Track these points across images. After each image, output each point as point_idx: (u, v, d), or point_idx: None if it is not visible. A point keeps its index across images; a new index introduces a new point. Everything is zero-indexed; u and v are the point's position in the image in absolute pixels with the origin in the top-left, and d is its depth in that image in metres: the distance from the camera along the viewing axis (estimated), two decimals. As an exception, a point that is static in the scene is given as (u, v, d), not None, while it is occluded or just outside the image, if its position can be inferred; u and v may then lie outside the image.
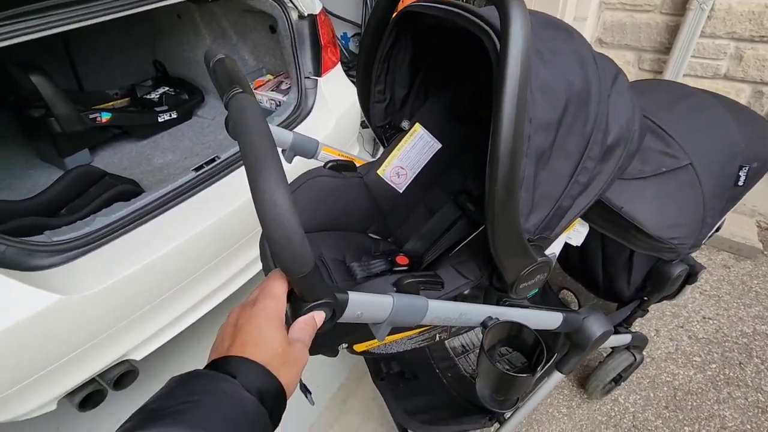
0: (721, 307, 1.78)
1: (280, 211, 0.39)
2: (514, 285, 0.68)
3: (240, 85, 0.49)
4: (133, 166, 1.75)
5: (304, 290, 0.44)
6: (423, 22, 0.78)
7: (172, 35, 2.07)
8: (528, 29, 0.48)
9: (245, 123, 0.43)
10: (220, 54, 0.59)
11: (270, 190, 0.38)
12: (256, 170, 0.39)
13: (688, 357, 1.61)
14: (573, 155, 0.61)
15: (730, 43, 1.80)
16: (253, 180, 0.39)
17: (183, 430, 0.30)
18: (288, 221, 0.39)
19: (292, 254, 0.40)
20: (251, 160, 0.40)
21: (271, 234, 0.39)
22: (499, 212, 0.55)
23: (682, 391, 1.51)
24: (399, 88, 0.92)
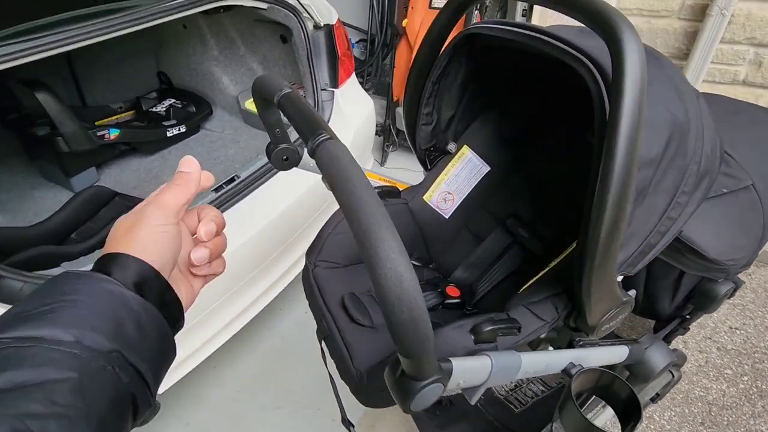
0: (746, 316, 1.76)
1: (407, 289, 0.33)
2: (597, 327, 0.63)
3: (324, 128, 0.44)
4: (142, 184, 1.67)
5: (418, 370, 0.38)
6: (481, 44, 0.73)
7: (177, 46, 2.00)
8: (645, 66, 0.43)
9: (347, 180, 0.37)
10: (286, 86, 0.53)
11: (393, 265, 0.33)
12: (373, 241, 0.34)
13: (719, 370, 1.58)
14: (669, 191, 0.57)
15: (749, 48, 1.78)
16: (371, 251, 0.34)
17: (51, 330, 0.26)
18: (416, 301, 0.34)
19: (418, 334, 0.35)
20: (365, 229, 0.34)
21: (396, 315, 0.34)
22: (600, 259, 0.50)
23: (716, 406, 1.48)
24: (446, 110, 0.87)
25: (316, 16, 1.57)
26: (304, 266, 0.85)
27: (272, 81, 0.55)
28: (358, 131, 1.67)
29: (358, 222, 0.35)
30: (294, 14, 1.55)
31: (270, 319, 1.74)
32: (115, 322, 0.29)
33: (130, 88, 1.97)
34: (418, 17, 2.21)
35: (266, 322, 1.73)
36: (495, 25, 0.64)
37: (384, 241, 0.33)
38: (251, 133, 1.94)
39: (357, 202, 0.35)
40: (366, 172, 0.92)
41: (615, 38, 0.43)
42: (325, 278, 0.80)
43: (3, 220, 1.45)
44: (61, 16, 1.22)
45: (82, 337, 0.27)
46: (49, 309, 0.28)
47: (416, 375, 0.39)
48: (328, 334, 0.73)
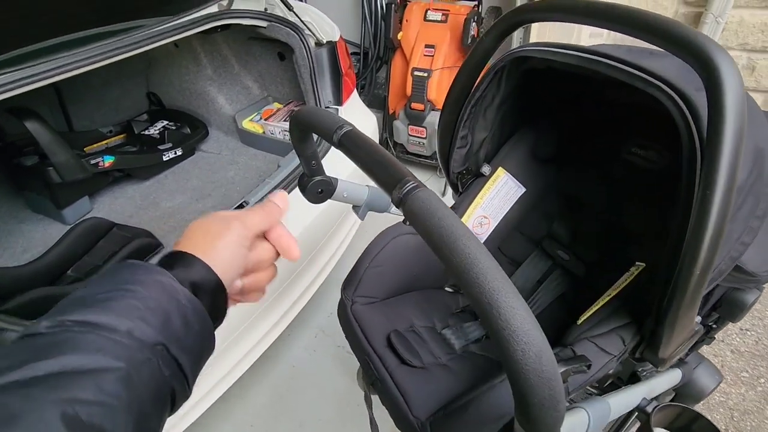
0: (755, 316, 1.78)
1: (546, 366, 0.29)
2: (668, 359, 0.60)
3: (408, 174, 0.39)
4: (139, 212, 1.58)
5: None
6: (525, 66, 0.70)
7: (168, 65, 1.92)
8: (744, 96, 0.41)
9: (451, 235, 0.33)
10: (346, 124, 0.48)
11: (530, 339, 0.29)
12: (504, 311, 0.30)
13: (736, 374, 1.59)
14: (745, 217, 0.54)
15: (742, 54, 1.82)
16: (501, 323, 0.30)
17: (108, 317, 0.27)
18: (555, 375, 0.30)
19: (555, 414, 0.30)
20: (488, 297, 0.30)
21: (537, 394, 0.30)
22: (693, 291, 0.48)
23: (738, 411, 1.48)
24: (480, 132, 0.84)
25: (318, 33, 1.53)
26: (339, 301, 0.79)
27: (327, 117, 0.50)
28: (364, 149, 1.63)
29: (480, 289, 0.30)
30: (296, 32, 1.51)
31: (278, 346, 1.67)
32: (164, 314, 0.30)
33: (120, 111, 1.89)
34: (413, 30, 2.19)
35: (275, 349, 1.65)
36: (549, 48, 0.61)
37: (516, 310, 0.29)
38: (249, 153, 1.87)
39: (474, 265, 0.31)
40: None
41: (712, 69, 0.41)
42: (365, 315, 0.75)
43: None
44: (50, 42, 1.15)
45: (133, 328, 0.27)
46: (109, 296, 0.29)
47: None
48: (377, 378, 0.68)
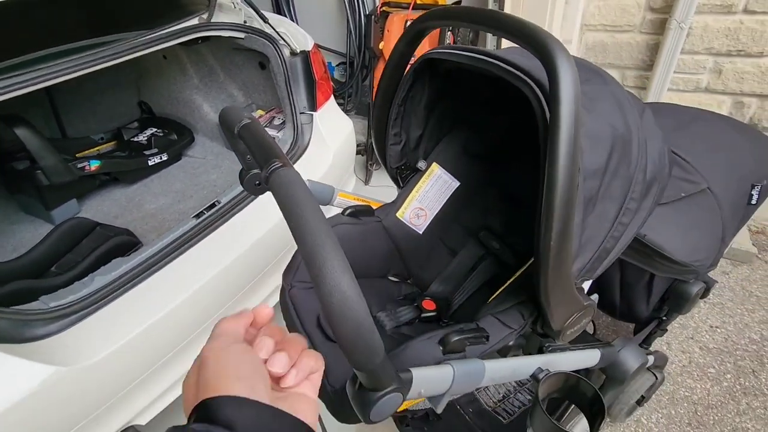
0: (726, 314, 1.79)
1: (352, 304, 0.35)
2: (562, 332, 0.65)
3: (278, 156, 0.46)
4: (124, 213, 1.67)
5: (374, 381, 0.40)
6: (442, 67, 0.77)
7: (157, 75, 2.03)
8: (578, 85, 0.47)
9: (296, 204, 0.40)
10: (245, 117, 0.56)
11: (338, 283, 0.35)
12: (319, 261, 0.36)
13: (702, 369, 1.61)
14: (617, 198, 0.60)
15: (708, 58, 1.87)
16: (316, 271, 0.36)
17: None
18: (360, 315, 0.35)
19: (367, 348, 0.36)
20: (311, 250, 0.36)
21: (343, 328, 0.35)
22: (553, 263, 0.53)
23: (702, 406, 1.50)
24: (414, 130, 0.90)
25: (292, 43, 1.62)
26: (281, 287, 0.86)
27: (233, 113, 0.58)
28: (337, 152, 1.70)
29: (304, 243, 0.37)
30: (271, 42, 1.60)
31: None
32: None
33: (112, 119, 1.99)
34: (394, 39, 2.28)
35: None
36: (448, 50, 0.68)
37: (327, 260, 0.35)
38: (233, 157, 1.96)
39: (304, 224, 0.37)
40: (340, 193, 0.95)
41: (550, 58, 0.47)
42: (301, 298, 0.81)
43: (-19, 256, 1.44)
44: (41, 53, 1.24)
45: None
46: None
47: (373, 386, 0.40)
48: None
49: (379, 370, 0.39)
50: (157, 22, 1.50)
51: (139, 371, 1.11)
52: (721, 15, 1.78)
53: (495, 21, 0.52)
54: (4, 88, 1.05)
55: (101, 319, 1.06)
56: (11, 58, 1.18)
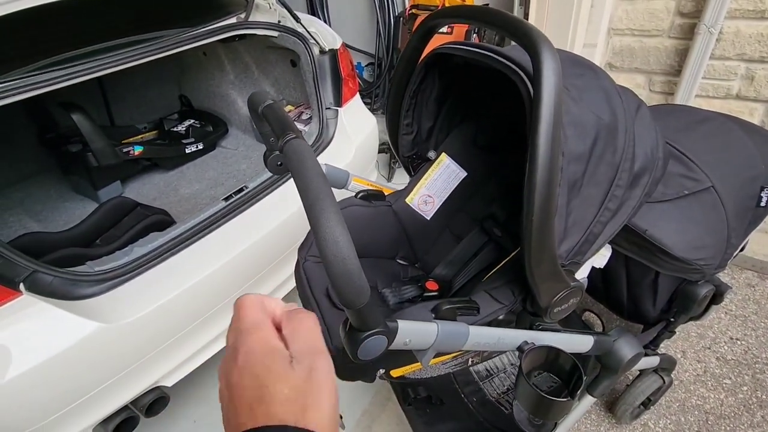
0: (748, 327, 1.75)
1: (341, 248, 0.42)
2: (548, 309, 0.70)
3: (293, 129, 0.54)
4: (162, 196, 1.82)
5: (361, 321, 0.47)
6: (451, 62, 0.83)
7: (197, 71, 2.18)
8: (559, 72, 0.52)
9: (303, 167, 0.47)
10: (269, 99, 0.64)
11: (331, 229, 0.42)
12: (317, 212, 0.43)
13: (717, 380, 1.58)
14: (603, 184, 0.64)
15: (740, 64, 1.83)
16: (315, 220, 0.43)
17: None
18: (349, 257, 0.42)
19: (353, 287, 0.43)
20: (311, 202, 0.44)
21: (334, 268, 0.42)
22: (536, 239, 0.58)
23: (713, 416, 1.48)
24: (425, 121, 0.97)
25: (321, 42, 1.72)
26: (296, 261, 0.94)
27: (259, 96, 0.66)
28: (359, 146, 1.78)
29: (306, 199, 0.44)
30: (301, 41, 1.70)
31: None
32: None
33: (155, 110, 2.16)
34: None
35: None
36: (456, 45, 0.74)
37: (324, 211, 0.42)
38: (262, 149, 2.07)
39: (307, 183, 0.45)
40: (355, 178, 1.03)
41: (534, 50, 0.53)
42: (313, 271, 0.89)
43: (38, 227, 1.61)
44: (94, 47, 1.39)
45: None
46: None
47: (360, 326, 0.47)
48: (313, 319, 0.82)
49: (366, 311, 0.46)
50: (198, 20, 1.64)
51: (168, 335, 1.22)
52: (753, 20, 1.74)
53: (488, 16, 0.59)
54: (63, 77, 1.19)
55: (138, 284, 1.18)
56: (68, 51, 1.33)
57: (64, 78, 1.19)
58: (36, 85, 1.13)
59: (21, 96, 1.10)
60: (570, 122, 0.59)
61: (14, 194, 1.76)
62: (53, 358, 1.00)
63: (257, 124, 0.83)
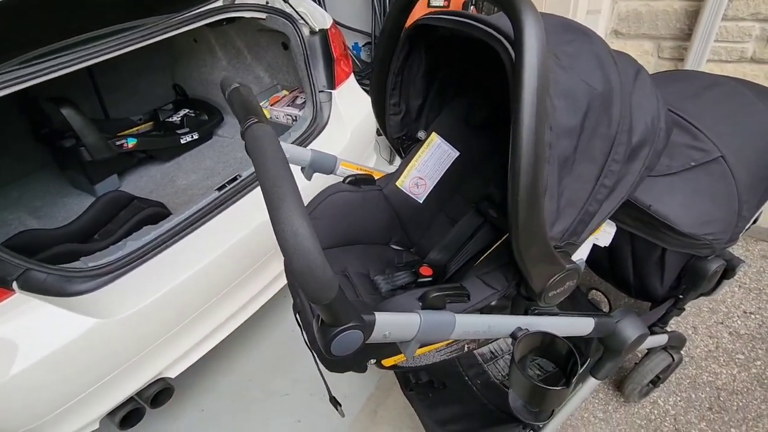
0: (763, 300, 1.69)
1: (301, 240, 0.39)
2: (543, 293, 0.67)
3: (255, 114, 0.50)
4: (159, 188, 1.80)
5: (331, 316, 0.44)
6: (436, 34, 0.78)
7: (189, 59, 2.14)
8: (542, 36, 0.47)
9: (261, 153, 0.44)
10: (235, 82, 0.60)
11: (290, 220, 0.39)
12: (276, 201, 0.40)
13: (730, 355, 1.54)
14: (597, 159, 0.60)
15: (755, 24, 1.72)
16: (273, 210, 0.40)
17: None
18: (310, 250, 0.39)
19: (317, 282, 0.40)
20: (269, 191, 0.40)
21: (294, 263, 0.39)
22: (523, 221, 0.54)
23: (726, 391, 1.44)
24: (413, 100, 0.92)
25: (311, 22, 1.66)
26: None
27: (227, 80, 0.62)
28: (355, 129, 1.74)
29: (264, 188, 0.41)
30: (290, 22, 1.64)
31: (278, 311, 1.83)
32: None
33: (149, 101, 2.13)
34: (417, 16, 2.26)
35: (275, 313, 1.82)
36: (438, 15, 0.69)
37: (282, 201, 0.39)
38: (259, 136, 2.04)
39: (265, 171, 0.41)
40: (343, 162, 0.99)
41: (514, 13, 0.48)
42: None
43: (37, 224, 1.61)
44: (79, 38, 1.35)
45: None
46: None
47: (331, 321, 0.44)
48: (301, 309, 0.80)
49: (335, 305, 0.43)
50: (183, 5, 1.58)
51: (167, 327, 1.22)
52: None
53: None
54: (48, 69, 1.16)
55: (134, 278, 1.17)
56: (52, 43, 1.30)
57: (49, 70, 1.16)
58: (20, 79, 1.10)
59: (5, 91, 1.08)
60: (559, 93, 0.54)
61: (12, 192, 1.76)
62: (51, 355, 1.00)
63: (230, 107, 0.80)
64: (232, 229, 1.33)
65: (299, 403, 1.56)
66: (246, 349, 1.72)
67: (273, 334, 1.79)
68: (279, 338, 1.78)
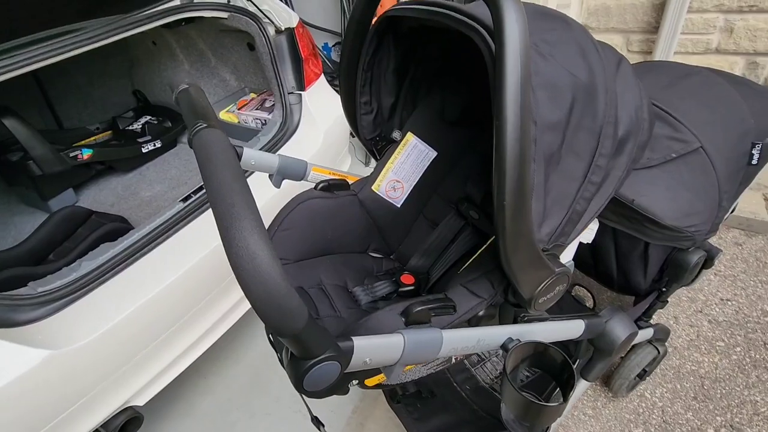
0: (738, 287, 1.72)
1: (259, 263, 0.33)
2: (533, 300, 0.62)
3: (204, 117, 0.44)
4: (120, 201, 1.69)
5: (301, 349, 0.38)
6: (406, 26, 0.73)
7: (149, 63, 2.02)
8: (524, 24, 0.43)
9: (210, 163, 0.37)
10: (183, 83, 0.53)
11: (244, 241, 0.33)
12: (227, 219, 0.33)
13: (711, 343, 1.55)
14: (584, 154, 0.56)
15: (719, 15, 1.76)
16: (224, 230, 0.34)
17: None
18: (270, 276, 0.33)
19: (281, 313, 0.34)
20: (219, 208, 0.34)
21: (252, 292, 0.33)
22: (510, 224, 0.50)
23: (709, 380, 1.45)
24: (385, 97, 0.87)
25: (276, 21, 1.58)
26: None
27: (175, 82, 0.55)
28: (328, 131, 1.67)
29: (214, 204, 0.35)
30: (254, 21, 1.57)
31: (255, 325, 1.75)
32: None
33: (106, 109, 2.00)
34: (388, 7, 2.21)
35: (251, 328, 1.74)
36: (407, 5, 0.64)
37: (236, 219, 0.33)
38: (227, 142, 1.95)
39: (215, 185, 0.35)
40: (315, 167, 0.93)
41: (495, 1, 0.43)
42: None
43: (-16, 246, 1.48)
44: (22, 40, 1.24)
45: None
46: None
47: (302, 354, 0.38)
48: (275, 330, 0.73)
49: (305, 336, 0.37)
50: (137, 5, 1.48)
51: (130, 353, 1.12)
52: (731, -33, 1.66)
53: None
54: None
55: (90, 302, 1.07)
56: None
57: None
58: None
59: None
60: (541, 84, 0.50)
61: (-44, 212, 1.62)
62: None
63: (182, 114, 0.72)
64: (199, 242, 1.25)
65: (283, 422, 1.48)
66: (223, 367, 1.63)
67: (251, 350, 1.71)
68: (257, 353, 1.69)
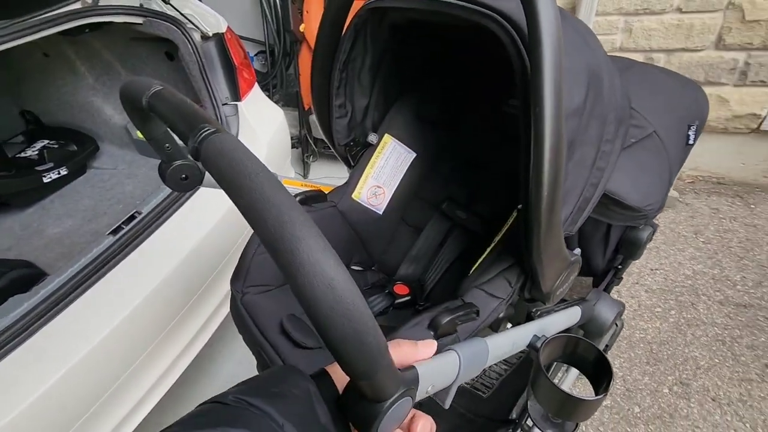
0: (661, 256, 1.93)
1: (341, 295, 0.26)
2: (551, 293, 0.61)
3: (206, 121, 0.35)
4: (20, 243, 1.40)
5: (381, 390, 0.31)
6: (386, 21, 0.68)
7: (41, 78, 1.72)
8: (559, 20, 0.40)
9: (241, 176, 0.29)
10: (155, 84, 0.43)
11: (319, 268, 0.25)
12: (288, 243, 0.26)
13: (651, 310, 1.71)
14: (594, 140, 0.55)
15: (620, 18, 1.97)
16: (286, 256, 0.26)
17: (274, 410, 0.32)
18: (356, 307, 0.26)
19: (371, 352, 0.27)
20: (272, 229, 0.26)
21: (335, 331, 0.26)
22: (546, 216, 0.47)
23: (656, 344, 1.59)
24: (359, 98, 0.81)
25: (202, 26, 1.44)
26: (231, 296, 0.73)
27: (138, 83, 0.44)
28: (271, 143, 1.56)
29: (264, 223, 0.26)
30: (177, 26, 1.41)
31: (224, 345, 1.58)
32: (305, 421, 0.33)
33: (-13, 134, 1.66)
34: (315, 20, 2.14)
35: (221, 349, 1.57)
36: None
37: (302, 240, 0.25)
38: (150, 164, 1.73)
39: (259, 199, 0.27)
40: (284, 179, 0.83)
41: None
42: (257, 305, 0.69)
43: None
44: None
45: (285, 425, 0.32)
46: (279, 392, 0.34)
47: (378, 396, 0.31)
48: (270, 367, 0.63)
49: (386, 374, 0.30)
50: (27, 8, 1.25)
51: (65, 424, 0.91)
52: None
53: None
54: None
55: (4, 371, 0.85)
56: None
57: None
58: None
59: None
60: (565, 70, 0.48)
61: None
62: None
63: (141, 127, 0.60)
64: (138, 282, 1.07)
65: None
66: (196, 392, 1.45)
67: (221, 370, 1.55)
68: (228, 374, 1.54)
